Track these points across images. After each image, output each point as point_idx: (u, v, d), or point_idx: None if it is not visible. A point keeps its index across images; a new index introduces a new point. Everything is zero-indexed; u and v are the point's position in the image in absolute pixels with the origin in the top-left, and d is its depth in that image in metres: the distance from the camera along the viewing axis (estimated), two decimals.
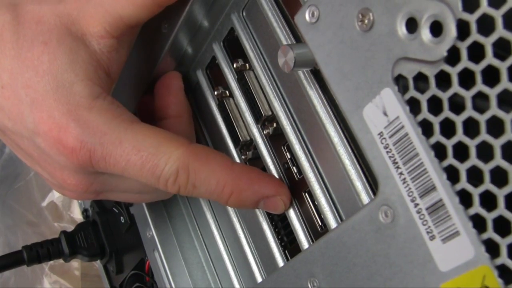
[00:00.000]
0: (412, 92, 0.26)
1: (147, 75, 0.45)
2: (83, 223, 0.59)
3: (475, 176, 0.24)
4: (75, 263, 0.69)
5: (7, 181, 0.75)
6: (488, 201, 0.24)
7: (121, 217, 0.54)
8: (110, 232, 0.57)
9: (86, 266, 0.68)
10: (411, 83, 0.26)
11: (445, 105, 0.24)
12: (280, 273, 0.36)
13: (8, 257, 0.55)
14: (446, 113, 0.24)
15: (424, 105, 0.25)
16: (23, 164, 0.74)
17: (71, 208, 0.69)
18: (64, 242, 0.56)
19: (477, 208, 0.24)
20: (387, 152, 0.27)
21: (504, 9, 0.22)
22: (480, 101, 0.23)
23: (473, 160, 0.24)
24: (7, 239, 0.73)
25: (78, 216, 0.68)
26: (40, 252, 0.55)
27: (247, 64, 0.40)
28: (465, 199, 0.24)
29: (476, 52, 0.23)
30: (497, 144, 0.23)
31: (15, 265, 0.55)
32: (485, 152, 0.23)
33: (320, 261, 0.32)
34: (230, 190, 0.38)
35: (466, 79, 0.24)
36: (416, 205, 0.26)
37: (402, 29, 0.26)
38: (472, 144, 0.24)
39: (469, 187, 0.24)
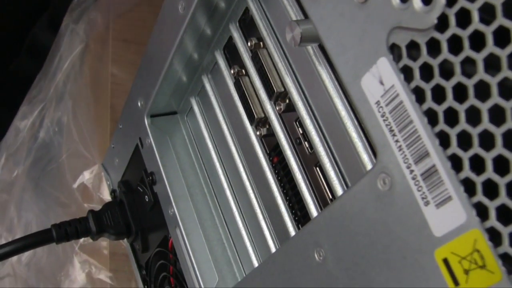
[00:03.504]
0: (405, 60, 0.26)
1: (165, 57, 0.47)
2: (110, 202, 0.60)
3: (465, 140, 0.24)
4: (104, 243, 0.71)
5: (41, 164, 0.77)
6: (478, 165, 0.24)
7: (146, 196, 0.56)
8: (135, 211, 0.59)
9: (114, 245, 0.70)
10: (404, 51, 0.26)
11: (436, 71, 0.25)
12: (289, 244, 0.37)
13: (38, 235, 0.57)
14: (437, 79, 0.25)
15: (416, 73, 0.26)
16: (55, 147, 0.77)
17: (100, 189, 0.71)
18: (91, 221, 0.58)
19: (467, 172, 0.24)
20: (384, 120, 0.28)
21: None
22: (469, 66, 0.24)
23: (463, 124, 0.24)
24: (40, 220, 0.75)
25: (107, 197, 0.70)
26: (68, 230, 0.57)
27: (261, 43, 0.41)
28: (456, 164, 0.25)
29: (464, 19, 0.23)
30: (484, 108, 0.23)
31: (44, 243, 0.57)
32: (474, 116, 0.24)
33: (325, 231, 0.33)
34: None
35: (456, 45, 0.24)
36: (412, 171, 0.27)
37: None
38: (461, 108, 0.24)
39: (460, 152, 0.25)
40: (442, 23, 0.24)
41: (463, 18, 0.24)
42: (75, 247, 0.71)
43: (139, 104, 0.54)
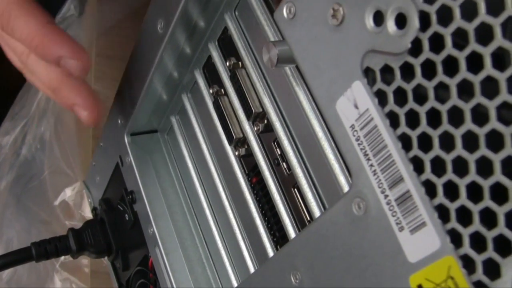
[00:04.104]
0: (379, 84, 0.26)
1: (145, 75, 0.46)
2: (91, 220, 0.60)
3: (439, 166, 0.24)
4: (85, 261, 0.70)
5: (23, 180, 0.76)
6: (452, 191, 0.24)
7: (126, 215, 0.55)
8: (116, 230, 0.58)
9: (95, 263, 0.69)
10: (378, 75, 0.26)
11: (410, 96, 0.25)
12: (266, 266, 0.36)
13: (17, 253, 0.56)
14: (411, 104, 0.25)
15: (390, 97, 0.26)
16: (37, 164, 0.76)
17: (82, 206, 0.70)
18: (71, 239, 0.57)
19: (441, 198, 0.24)
20: (359, 144, 0.27)
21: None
22: (442, 91, 0.24)
23: (436, 150, 0.24)
24: (21, 237, 0.74)
25: (88, 214, 0.69)
26: (48, 248, 0.56)
27: (239, 62, 0.41)
28: (430, 189, 0.25)
29: (438, 43, 0.23)
30: (457, 134, 0.23)
31: (24, 261, 0.56)
32: (448, 142, 0.24)
33: (301, 254, 0.32)
34: (36, 42, 0.44)
35: (429, 70, 0.24)
36: (386, 196, 0.26)
37: (370, 22, 0.26)
38: (435, 134, 0.24)
39: (433, 178, 0.24)
40: (416, 48, 0.24)
41: (437, 42, 0.23)
42: (55, 264, 0.71)
43: (119, 122, 0.53)
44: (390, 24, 0.25)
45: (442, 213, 0.24)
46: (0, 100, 0.84)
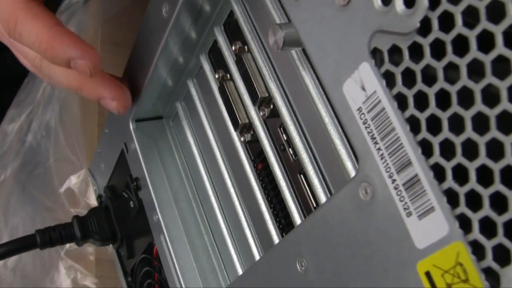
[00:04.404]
0: (387, 65, 0.25)
1: (150, 61, 0.46)
2: (95, 208, 0.59)
3: (448, 149, 0.23)
4: (90, 248, 0.70)
5: (28, 168, 0.76)
6: (461, 175, 0.23)
7: (130, 202, 0.55)
8: (121, 217, 0.57)
9: (100, 251, 0.69)
10: (386, 56, 0.25)
11: (418, 77, 0.24)
12: (272, 253, 0.36)
13: (22, 240, 0.56)
14: (419, 85, 0.24)
15: (398, 78, 0.25)
16: (43, 151, 0.76)
17: (87, 194, 0.70)
18: (76, 226, 0.57)
19: (450, 182, 0.23)
20: (366, 127, 0.27)
21: None
22: (452, 72, 0.23)
23: (446, 133, 0.23)
24: (27, 224, 0.74)
25: (94, 202, 0.69)
26: (52, 236, 0.56)
27: (245, 47, 0.40)
28: (439, 173, 0.24)
29: (448, 22, 0.23)
30: (467, 115, 0.22)
31: (28, 248, 0.56)
32: (457, 124, 0.23)
33: (306, 241, 0.32)
34: (45, 45, 0.44)
35: (439, 50, 0.23)
36: (394, 181, 0.26)
37: (377, 1, 0.25)
38: (444, 116, 0.23)
39: (442, 161, 0.24)
40: (424, 27, 0.23)
41: (446, 21, 0.23)
42: (60, 252, 0.70)
43: None
44: (398, 3, 0.24)
45: (451, 197, 0.24)
46: (6, 87, 0.84)
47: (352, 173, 0.32)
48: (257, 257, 0.43)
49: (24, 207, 0.75)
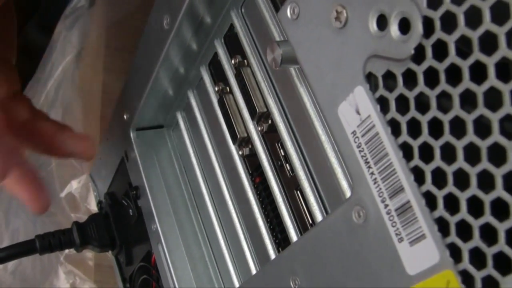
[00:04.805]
0: (382, 91, 0.25)
1: (151, 71, 0.46)
2: (95, 214, 0.59)
3: (440, 177, 0.23)
4: (89, 254, 0.70)
5: None
6: (452, 204, 0.23)
7: (130, 210, 0.55)
8: (120, 224, 0.58)
9: (99, 256, 0.69)
10: (380, 81, 0.25)
11: (412, 104, 0.24)
12: (267, 269, 0.36)
13: (21, 245, 0.56)
14: (413, 112, 0.24)
15: (392, 104, 0.25)
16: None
17: (87, 199, 0.70)
18: (75, 233, 0.57)
19: (441, 211, 0.23)
20: (360, 151, 0.27)
21: (466, 5, 0.21)
22: (445, 100, 0.23)
23: (438, 161, 0.23)
24: (27, 228, 0.74)
25: (94, 207, 0.69)
26: (52, 241, 0.56)
27: (245, 61, 0.40)
28: (431, 201, 0.24)
29: (441, 50, 0.22)
30: (459, 145, 0.22)
31: (28, 253, 0.56)
32: (449, 153, 0.23)
33: (300, 259, 0.32)
34: None
35: (432, 78, 0.23)
36: (386, 206, 0.26)
37: (373, 26, 0.25)
38: (436, 145, 0.23)
39: (434, 189, 0.24)
40: (419, 54, 0.23)
41: (440, 50, 0.22)
42: (60, 257, 0.70)
43: (125, 117, 0.53)
44: (394, 29, 0.24)
45: (442, 226, 0.23)
46: None
47: (347, 191, 0.32)
48: (253, 269, 0.43)
49: (25, 210, 0.75)
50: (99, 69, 0.73)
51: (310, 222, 0.36)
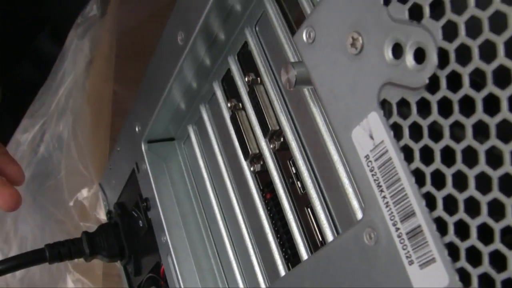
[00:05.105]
0: (396, 118, 0.26)
1: (164, 85, 0.46)
2: (105, 224, 0.60)
3: (451, 204, 0.24)
4: (98, 263, 0.70)
5: (39, 179, 0.77)
6: (463, 230, 0.24)
7: (140, 221, 0.55)
8: (130, 235, 0.58)
9: (108, 266, 0.69)
10: (394, 109, 0.26)
11: (425, 132, 0.25)
12: (276, 287, 0.36)
13: (31, 254, 0.57)
14: (426, 140, 0.25)
15: (406, 131, 0.25)
16: (55, 163, 0.77)
17: (97, 208, 0.70)
18: (85, 242, 0.58)
19: (451, 236, 0.24)
20: (373, 175, 0.27)
21: (481, 39, 0.22)
22: (458, 130, 0.23)
23: (449, 188, 0.24)
24: (36, 235, 0.75)
25: (103, 216, 0.70)
26: (61, 251, 0.57)
27: (258, 79, 0.41)
28: (441, 226, 0.24)
29: (455, 81, 0.23)
30: (471, 174, 0.23)
31: (37, 262, 0.57)
32: (460, 181, 0.23)
33: (310, 278, 0.32)
34: None
35: (446, 107, 0.24)
36: (397, 229, 0.26)
37: (388, 54, 0.26)
38: (448, 172, 0.24)
39: (445, 215, 0.24)
40: (433, 84, 0.24)
41: (454, 81, 0.23)
42: (68, 265, 0.71)
43: (136, 129, 0.54)
44: (409, 58, 0.25)
45: (453, 251, 0.24)
46: (21, 95, 0.85)
47: (358, 212, 0.33)
48: (261, 283, 0.43)
49: (34, 217, 0.76)
50: (109, 77, 0.74)
51: (320, 239, 0.37)
